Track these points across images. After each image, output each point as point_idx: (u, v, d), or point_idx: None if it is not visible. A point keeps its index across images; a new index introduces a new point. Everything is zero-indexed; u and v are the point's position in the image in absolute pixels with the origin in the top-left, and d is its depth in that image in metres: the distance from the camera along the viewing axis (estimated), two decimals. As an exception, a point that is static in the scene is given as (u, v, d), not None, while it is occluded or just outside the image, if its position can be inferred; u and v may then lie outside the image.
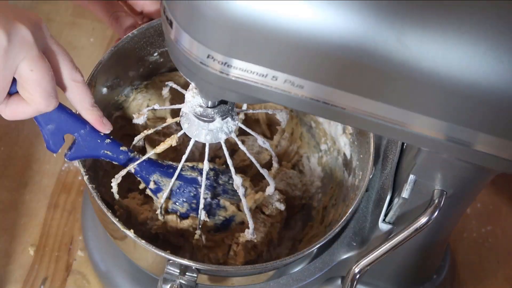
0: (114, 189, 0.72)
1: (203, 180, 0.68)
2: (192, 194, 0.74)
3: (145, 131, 0.73)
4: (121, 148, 0.69)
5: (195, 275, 0.65)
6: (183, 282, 0.65)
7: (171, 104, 0.80)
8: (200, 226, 0.73)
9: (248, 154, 0.71)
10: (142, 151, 0.78)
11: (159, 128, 0.74)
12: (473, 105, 0.44)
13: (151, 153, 0.71)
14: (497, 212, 0.98)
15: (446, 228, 0.71)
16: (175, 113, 0.82)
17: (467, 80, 0.43)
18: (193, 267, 0.64)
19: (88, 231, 0.86)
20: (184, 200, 0.74)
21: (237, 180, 0.69)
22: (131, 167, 0.70)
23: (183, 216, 0.74)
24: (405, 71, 0.43)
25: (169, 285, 0.65)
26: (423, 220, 0.59)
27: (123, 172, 0.70)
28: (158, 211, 0.73)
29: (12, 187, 0.93)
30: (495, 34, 0.42)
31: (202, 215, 0.71)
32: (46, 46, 0.58)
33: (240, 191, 0.69)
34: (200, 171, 0.74)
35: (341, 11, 0.42)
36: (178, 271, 0.65)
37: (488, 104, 0.44)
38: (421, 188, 0.60)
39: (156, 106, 0.74)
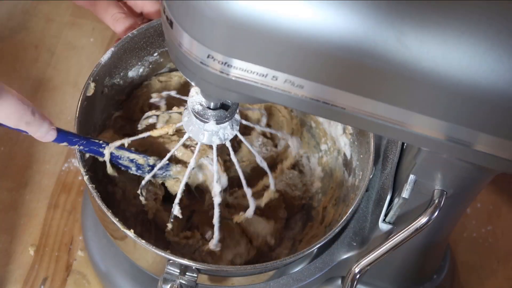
0: (109, 169, 0.73)
1: (183, 179, 0.70)
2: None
3: (153, 111, 0.75)
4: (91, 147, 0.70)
5: (195, 275, 0.65)
6: (183, 282, 0.65)
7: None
8: (172, 220, 0.74)
9: (253, 151, 0.72)
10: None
11: (169, 112, 0.76)
12: (473, 105, 0.44)
13: (146, 134, 0.72)
14: (497, 212, 0.98)
15: (446, 228, 0.71)
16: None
17: (467, 80, 0.43)
18: (193, 267, 0.64)
19: (88, 231, 0.86)
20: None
21: (216, 188, 0.69)
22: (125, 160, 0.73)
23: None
24: (405, 71, 0.43)
25: (169, 285, 0.65)
26: (423, 220, 0.59)
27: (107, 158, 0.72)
28: (139, 191, 0.74)
29: (12, 187, 0.93)
30: (495, 34, 0.42)
31: (175, 210, 0.72)
32: None
33: (216, 200, 0.70)
34: (151, 166, 0.75)
35: (341, 11, 0.42)
36: (178, 271, 0.65)
37: (488, 104, 0.44)
38: (421, 188, 0.60)
39: (173, 93, 0.75)
